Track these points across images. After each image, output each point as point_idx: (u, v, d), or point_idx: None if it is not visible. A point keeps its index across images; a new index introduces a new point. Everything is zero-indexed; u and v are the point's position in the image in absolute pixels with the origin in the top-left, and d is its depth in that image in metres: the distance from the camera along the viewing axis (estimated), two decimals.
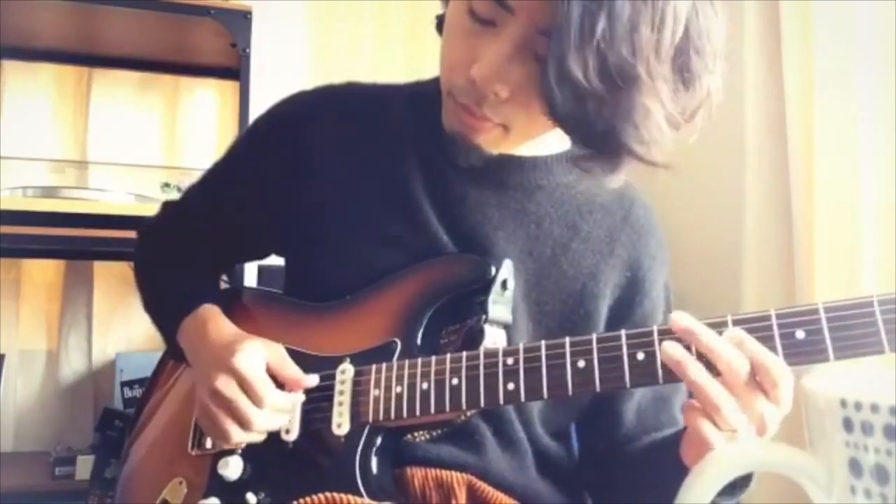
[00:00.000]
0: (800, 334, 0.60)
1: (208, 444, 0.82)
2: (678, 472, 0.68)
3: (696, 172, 0.76)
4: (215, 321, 0.84)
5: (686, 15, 0.66)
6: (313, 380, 0.77)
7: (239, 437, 0.75)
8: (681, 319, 0.62)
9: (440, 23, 0.81)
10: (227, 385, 0.74)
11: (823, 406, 0.35)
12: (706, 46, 0.68)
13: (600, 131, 0.68)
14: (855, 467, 0.34)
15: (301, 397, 0.77)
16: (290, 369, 0.77)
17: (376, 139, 0.86)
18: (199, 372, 0.80)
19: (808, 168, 1.38)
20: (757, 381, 0.60)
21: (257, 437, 0.76)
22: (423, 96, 0.86)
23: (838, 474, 0.35)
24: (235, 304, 0.91)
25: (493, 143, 0.78)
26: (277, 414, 0.76)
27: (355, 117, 0.88)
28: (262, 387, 0.74)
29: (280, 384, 0.77)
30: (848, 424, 0.34)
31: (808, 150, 1.38)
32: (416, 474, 0.77)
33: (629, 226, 0.87)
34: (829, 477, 0.35)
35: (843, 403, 0.34)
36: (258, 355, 0.76)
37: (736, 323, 0.62)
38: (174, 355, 0.91)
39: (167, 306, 0.91)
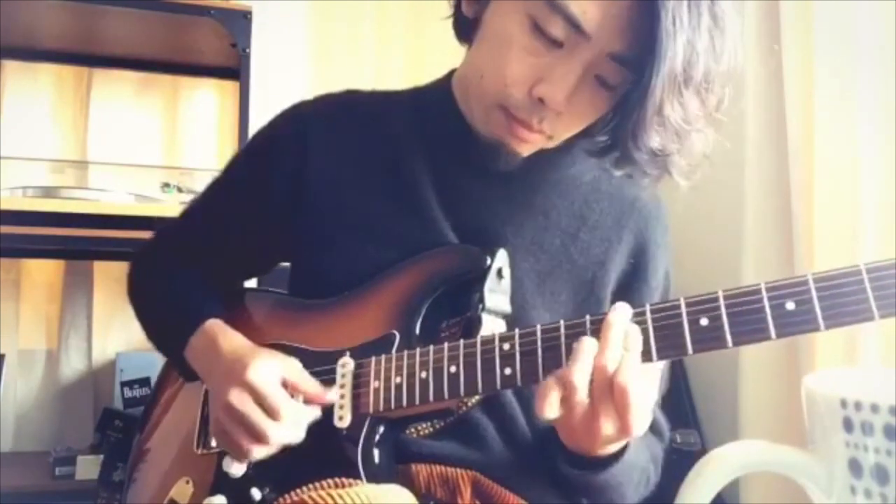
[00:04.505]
0: (790, 305, 0.59)
1: (213, 442, 0.82)
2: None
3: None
4: (225, 335, 0.82)
5: (731, 52, 0.71)
6: (334, 395, 0.76)
7: (257, 452, 0.74)
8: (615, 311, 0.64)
9: (462, 26, 0.82)
10: (240, 399, 0.73)
11: (823, 406, 0.35)
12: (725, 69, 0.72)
13: (655, 157, 0.73)
14: (855, 467, 0.34)
15: (317, 412, 0.75)
16: (309, 384, 0.76)
17: (380, 142, 0.87)
18: (214, 387, 0.79)
19: (808, 168, 1.38)
20: (612, 386, 0.62)
21: (273, 450, 0.75)
22: (425, 99, 0.88)
23: (838, 474, 0.35)
24: (237, 305, 0.91)
25: (533, 149, 0.81)
26: (293, 427, 0.74)
27: (357, 123, 0.89)
28: (277, 399, 0.73)
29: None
30: (848, 424, 0.34)
31: (808, 150, 1.38)
32: (422, 471, 0.78)
33: (637, 211, 0.87)
34: (829, 477, 0.35)
35: (843, 403, 0.34)
36: (272, 369, 0.75)
37: (727, 297, 0.62)
38: (186, 376, 0.89)
39: (169, 327, 0.89)
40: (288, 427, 0.73)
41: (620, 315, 0.64)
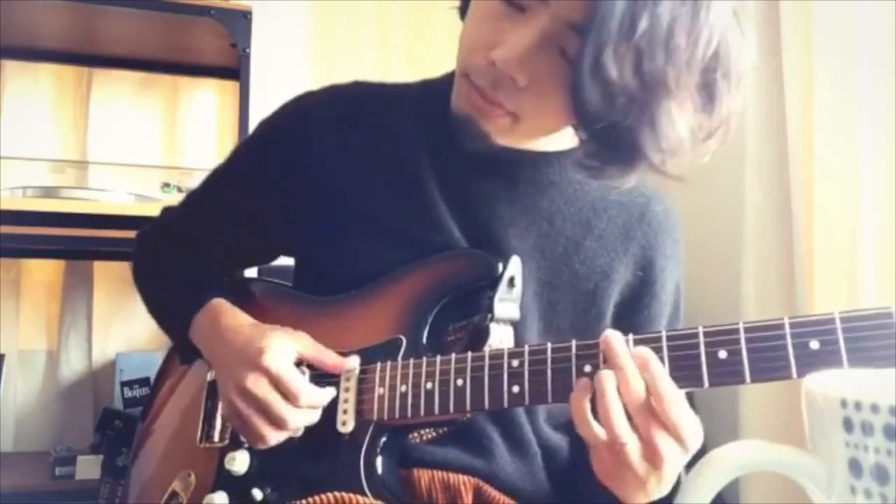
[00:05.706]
0: (814, 344, 0.57)
1: (216, 437, 0.82)
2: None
3: (697, 172, 0.76)
4: (229, 314, 0.82)
5: (720, 34, 0.66)
6: (354, 361, 0.76)
7: (275, 437, 0.73)
8: (608, 337, 0.63)
9: (464, 7, 0.80)
10: (257, 384, 0.72)
11: (823, 406, 0.35)
12: (733, 70, 0.68)
13: (620, 132, 0.68)
14: (855, 467, 0.34)
15: (333, 392, 0.75)
16: (328, 356, 0.76)
17: (386, 137, 0.85)
18: (222, 369, 0.78)
19: (808, 168, 1.38)
20: (653, 408, 0.60)
21: (292, 434, 0.75)
22: (433, 94, 0.86)
23: (838, 474, 0.35)
24: (241, 295, 0.90)
25: (501, 131, 0.77)
26: (311, 411, 0.74)
27: (363, 116, 0.87)
28: (296, 384, 0.72)
29: (315, 372, 0.76)
30: (848, 424, 0.34)
31: (808, 150, 1.38)
32: (423, 476, 0.77)
33: (646, 223, 0.85)
34: (829, 477, 0.35)
35: (843, 403, 0.34)
36: (287, 350, 0.74)
37: (748, 330, 0.60)
38: (185, 358, 0.89)
39: (174, 305, 0.89)
40: (306, 411, 0.73)
41: (613, 335, 0.62)
